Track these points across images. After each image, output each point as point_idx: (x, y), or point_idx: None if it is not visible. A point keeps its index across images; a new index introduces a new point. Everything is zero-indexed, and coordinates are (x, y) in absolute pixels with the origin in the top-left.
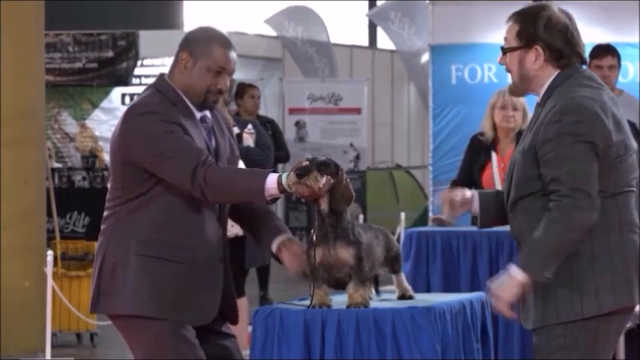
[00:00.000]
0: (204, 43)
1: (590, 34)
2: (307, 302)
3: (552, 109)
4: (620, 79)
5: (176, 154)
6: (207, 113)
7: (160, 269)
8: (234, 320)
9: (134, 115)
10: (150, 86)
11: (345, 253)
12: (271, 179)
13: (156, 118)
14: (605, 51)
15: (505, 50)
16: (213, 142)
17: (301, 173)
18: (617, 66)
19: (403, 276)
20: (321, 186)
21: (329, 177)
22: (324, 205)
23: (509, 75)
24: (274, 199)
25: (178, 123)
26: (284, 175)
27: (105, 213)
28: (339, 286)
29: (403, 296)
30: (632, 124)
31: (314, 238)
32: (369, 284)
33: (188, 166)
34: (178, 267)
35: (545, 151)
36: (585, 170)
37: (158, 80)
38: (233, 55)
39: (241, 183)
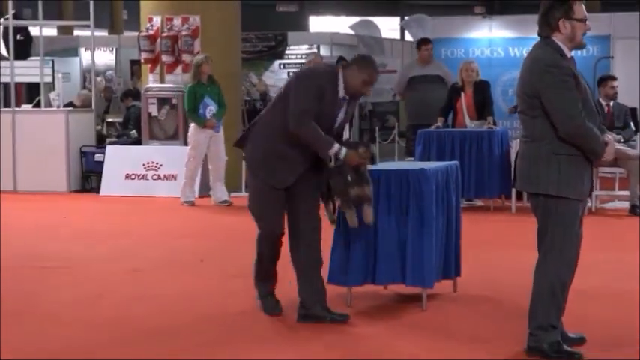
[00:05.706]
0: (370, 70)
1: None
2: None
3: None
4: None
5: (297, 103)
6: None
7: (276, 153)
8: None
9: (302, 76)
10: (333, 65)
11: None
12: (334, 150)
13: (312, 83)
14: (427, 41)
15: None
16: (341, 113)
17: (355, 147)
18: (432, 48)
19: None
20: (364, 160)
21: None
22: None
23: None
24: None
25: (323, 89)
26: (343, 151)
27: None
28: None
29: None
30: (441, 78)
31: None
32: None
33: (293, 112)
34: (287, 152)
35: None
36: None
37: (343, 65)
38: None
39: (316, 143)
